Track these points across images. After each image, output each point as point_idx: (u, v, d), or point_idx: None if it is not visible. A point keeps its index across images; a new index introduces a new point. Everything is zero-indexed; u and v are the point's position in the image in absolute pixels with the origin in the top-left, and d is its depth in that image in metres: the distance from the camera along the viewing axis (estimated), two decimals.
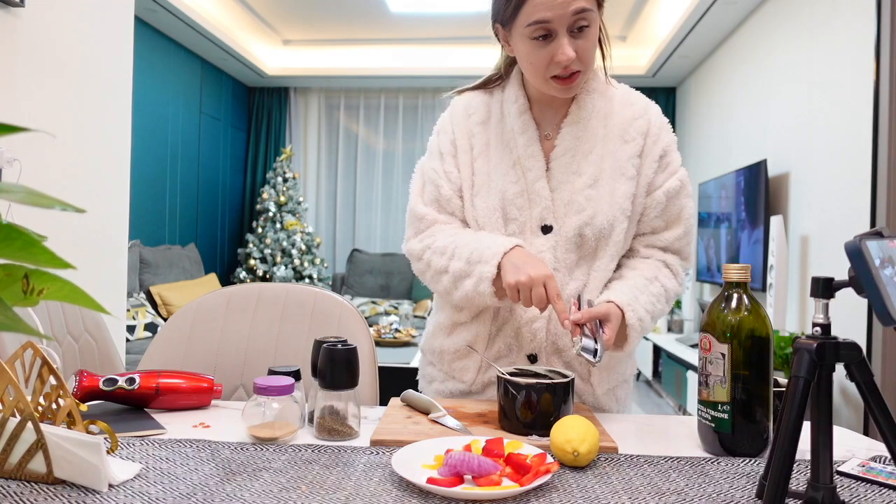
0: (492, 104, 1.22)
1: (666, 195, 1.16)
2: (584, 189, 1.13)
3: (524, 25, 1.05)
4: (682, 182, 1.18)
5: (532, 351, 1.17)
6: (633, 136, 1.16)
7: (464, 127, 1.21)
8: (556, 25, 1.04)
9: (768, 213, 3.64)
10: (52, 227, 2.17)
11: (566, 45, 1.04)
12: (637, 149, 1.15)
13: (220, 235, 6.40)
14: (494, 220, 1.16)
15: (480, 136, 1.20)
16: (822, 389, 0.68)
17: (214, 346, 1.32)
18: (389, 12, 5.23)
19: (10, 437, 0.75)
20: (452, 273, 1.13)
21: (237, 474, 0.79)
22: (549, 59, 1.07)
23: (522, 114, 1.17)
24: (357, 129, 6.85)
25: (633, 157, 1.15)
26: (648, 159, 1.16)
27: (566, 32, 1.04)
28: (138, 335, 4.14)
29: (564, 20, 1.03)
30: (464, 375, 1.22)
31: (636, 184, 1.15)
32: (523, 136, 1.16)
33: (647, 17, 5.16)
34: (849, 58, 3.00)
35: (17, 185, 0.51)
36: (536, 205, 1.14)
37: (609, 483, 0.79)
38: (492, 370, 1.19)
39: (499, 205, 1.15)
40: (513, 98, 1.18)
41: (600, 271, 1.15)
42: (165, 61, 5.26)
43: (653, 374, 5.07)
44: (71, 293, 0.55)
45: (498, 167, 1.17)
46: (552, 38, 1.05)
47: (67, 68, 2.32)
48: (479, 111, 1.22)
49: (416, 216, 1.22)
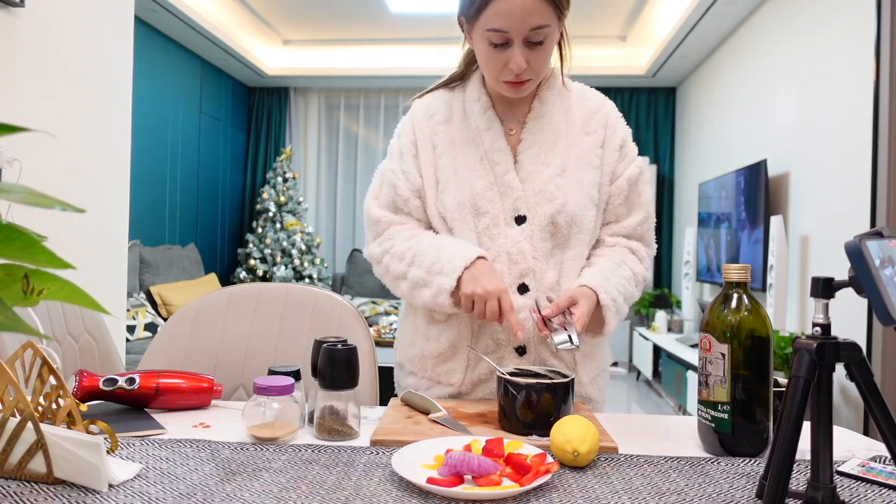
0: (453, 102, 1.26)
1: (628, 182, 1.22)
2: (553, 178, 1.17)
3: (484, 28, 1.09)
4: (641, 169, 1.24)
5: (520, 343, 1.18)
6: (593, 128, 1.22)
7: (425, 128, 1.24)
8: (513, 35, 1.08)
9: (768, 213, 3.64)
10: (52, 227, 2.17)
11: (519, 55, 1.09)
12: (599, 140, 1.21)
13: (220, 235, 6.40)
14: (464, 215, 1.17)
15: (444, 134, 1.23)
16: (822, 389, 0.68)
17: (214, 346, 1.32)
18: (389, 12, 5.23)
19: (10, 437, 0.75)
20: (411, 280, 1.16)
21: (237, 474, 0.79)
22: (503, 65, 1.11)
23: (486, 111, 1.20)
24: (357, 129, 6.85)
25: (595, 148, 1.21)
26: (609, 149, 1.22)
27: (521, 43, 1.09)
28: (138, 335, 4.14)
29: (521, 32, 1.07)
30: (451, 378, 1.21)
31: (600, 173, 1.20)
32: (489, 132, 1.19)
33: (647, 17, 5.16)
34: (849, 58, 3.00)
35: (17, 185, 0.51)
36: (508, 196, 1.17)
37: (609, 483, 0.79)
38: (479, 368, 1.20)
39: (469, 200, 1.17)
40: (475, 97, 1.22)
41: (575, 259, 1.19)
42: (165, 61, 5.26)
43: (653, 374, 5.07)
44: (71, 293, 0.55)
45: (465, 163, 1.19)
46: (508, 46, 1.10)
47: (67, 68, 2.32)
48: (440, 111, 1.25)
49: (372, 219, 1.24)
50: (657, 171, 6.16)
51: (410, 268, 1.15)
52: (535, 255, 1.16)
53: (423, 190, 1.22)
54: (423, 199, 1.22)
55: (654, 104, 6.34)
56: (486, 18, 1.08)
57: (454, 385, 1.21)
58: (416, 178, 1.22)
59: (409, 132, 1.25)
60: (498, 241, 1.16)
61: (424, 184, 1.22)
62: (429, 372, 1.23)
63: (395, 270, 1.18)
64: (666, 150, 6.30)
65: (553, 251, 1.18)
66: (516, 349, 1.18)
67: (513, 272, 1.16)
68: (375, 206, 1.25)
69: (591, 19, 5.31)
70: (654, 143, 6.33)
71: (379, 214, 1.23)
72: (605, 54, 5.87)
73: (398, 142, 1.26)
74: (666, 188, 6.25)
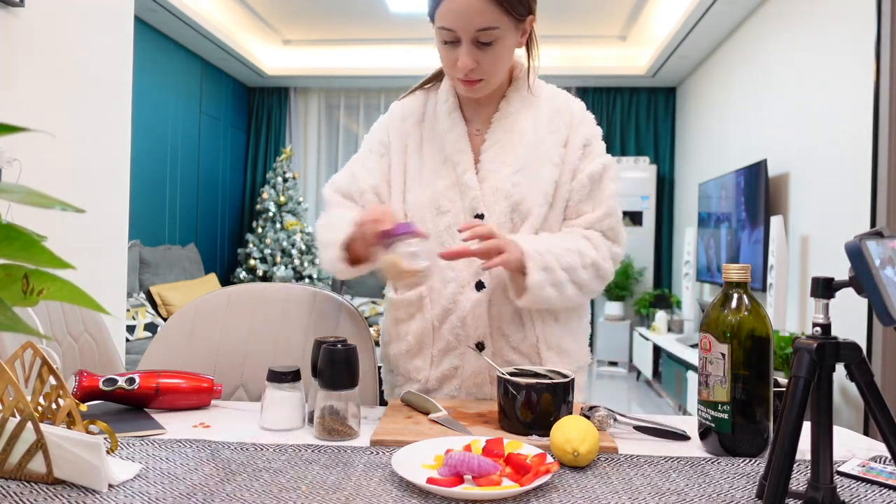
0: (427, 103, 1.29)
1: (590, 179, 1.21)
2: (510, 176, 1.18)
3: (437, 26, 1.13)
4: (605, 165, 1.22)
5: (479, 339, 1.19)
6: (557, 126, 1.22)
7: (398, 129, 1.28)
8: (461, 34, 1.10)
9: (768, 213, 3.64)
10: (52, 227, 2.16)
11: (465, 54, 1.11)
12: (562, 138, 1.22)
13: (220, 235, 6.40)
14: (425, 214, 1.21)
15: (415, 135, 1.27)
16: (822, 389, 0.68)
17: (214, 346, 1.32)
18: (389, 12, 5.23)
19: (10, 437, 0.75)
20: (321, 241, 1.20)
21: (237, 474, 0.79)
22: (453, 62, 1.14)
23: (451, 112, 1.24)
24: (357, 129, 6.84)
25: (556, 146, 1.21)
26: (572, 147, 1.22)
27: (470, 42, 1.11)
28: (138, 335, 4.14)
29: (468, 32, 1.10)
30: (418, 374, 1.24)
31: (560, 171, 1.20)
32: (451, 133, 1.22)
33: (647, 17, 5.16)
34: (849, 58, 3.00)
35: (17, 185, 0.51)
36: (466, 196, 1.19)
37: (609, 483, 0.79)
38: (442, 365, 1.21)
39: (430, 199, 1.20)
40: (443, 98, 1.26)
41: None
42: (165, 61, 5.26)
43: (653, 374, 5.07)
44: (71, 293, 0.55)
45: (429, 164, 1.23)
46: (458, 45, 1.12)
47: (67, 68, 2.32)
48: (414, 112, 1.29)
49: (325, 199, 1.31)
50: (657, 170, 6.17)
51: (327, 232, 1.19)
52: None
53: (382, 188, 1.26)
54: (382, 197, 1.26)
55: (654, 104, 6.34)
56: (438, 16, 1.11)
57: (421, 381, 1.23)
58: (376, 175, 1.26)
59: (382, 131, 1.29)
60: (457, 239, 1.17)
61: (392, 182, 1.25)
62: (401, 369, 1.27)
63: (321, 238, 1.22)
64: (666, 150, 6.29)
65: None
66: (476, 345, 1.19)
67: (470, 269, 1.18)
68: (331, 189, 1.30)
69: (591, 19, 5.31)
70: (654, 143, 6.32)
71: (329, 196, 1.29)
72: (605, 54, 5.87)
73: (369, 137, 1.31)
74: (666, 188, 6.25)
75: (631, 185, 5.92)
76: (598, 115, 6.33)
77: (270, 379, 1.00)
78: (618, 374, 5.77)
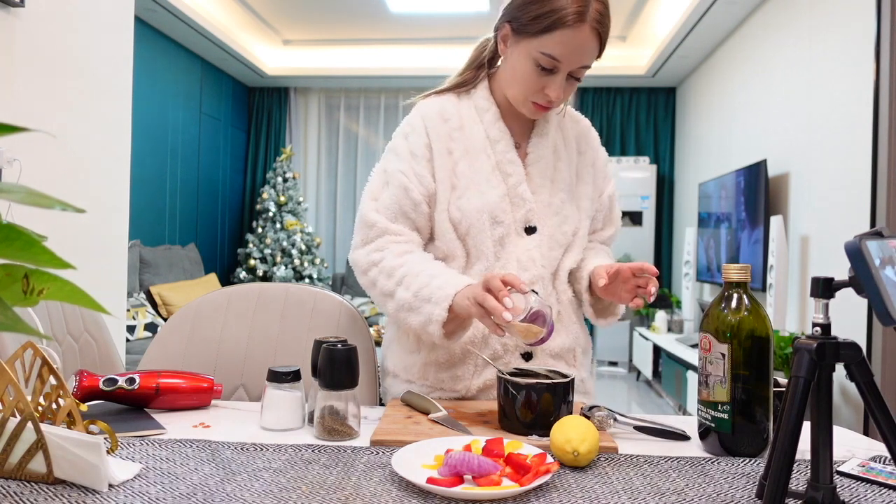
0: (462, 109, 1.23)
1: (609, 199, 1.33)
2: (559, 192, 1.22)
3: (538, 49, 1.08)
4: (613, 185, 1.36)
5: (527, 349, 1.19)
6: (583, 148, 1.30)
7: (441, 131, 1.20)
8: (563, 66, 1.10)
9: (768, 213, 3.64)
10: (52, 227, 2.17)
11: (559, 86, 1.12)
12: (590, 159, 1.30)
13: (220, 235, 6.40)
14: (482, 222, 1.16)
15: (460, 140, 1.20)
16: (822, 389, 0.68)
17: (214, 346, 1.32)
18: (389, 12, 5.23)
19: (10, 437, 0.75)
20: (398, 301, 1.11)
21: (237, 474, 0.79)
22: (540, 88, 1.13)
23: (497, 121, 1.21)
24: (357, 129, 6.85)
25: (587, 166, 1.29)
26: (597, 167, 1.31)
27: (565, 74, 1.12)
28: (138, 335, 4.14)
29: (571, 65, 1.10)
30: (455, 384, 1.19)
31: (592, 189, 1.29)
32: (500, 143, 1.20)
33: (647, 17, 5.16)
34: (849, 58, 3.00)
35: (17, 185, 0.51)
36: (520, 207, 1.19)
37: (609, 483, 0.79)
38: (485, 374, 1.18)
39: (485, 207, 1.16)
40: (485, 106, 1.22)
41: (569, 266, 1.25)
42: (165, 61, 5.26)
43: (653, 374, 5.07)
44: (71, 293, 0.55)
45: (479, 171, 1.18)
46: (552, 73, 1.11)
47: (67, 68, 2.32)
48: (454, 116, 1.21)
49: (367, 223, 1.18)
50: (657, 170, 6.16)
51: (399, 287, 1.11)
52: (542, 262, 1.19)
53: (435, 195, 1.18)
54: (433, 205, 1.19)
55: (654, 104, 6.34)
56: (544, 41, 1.07)
57: (458, 391, 1.19)
58: (429, 182, 1.18)
59: (422, 133, 1.19)
60: (508, 249, 1.18)
61: (438, 188, 1.18)
62: (430, 379, 1.20)
63: (383, 287, 1.13)
64: (666, 150, 6.29)
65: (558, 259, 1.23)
66: (522, 355, 1.18)
67: (523, 279, 1.15)
68: (373, 209, 1.18)
69: None
70: (654, 143, 6.32)
71: (374, 219, 1.17)
72: (605, 54, 5.86)
73: (407, 142, 1.20)
74: (666, 188, 6.25)
75: (631, 185, 5.92)
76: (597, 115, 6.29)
77: (270, 379, 1.00)
78: (618, 374, 5.77)
